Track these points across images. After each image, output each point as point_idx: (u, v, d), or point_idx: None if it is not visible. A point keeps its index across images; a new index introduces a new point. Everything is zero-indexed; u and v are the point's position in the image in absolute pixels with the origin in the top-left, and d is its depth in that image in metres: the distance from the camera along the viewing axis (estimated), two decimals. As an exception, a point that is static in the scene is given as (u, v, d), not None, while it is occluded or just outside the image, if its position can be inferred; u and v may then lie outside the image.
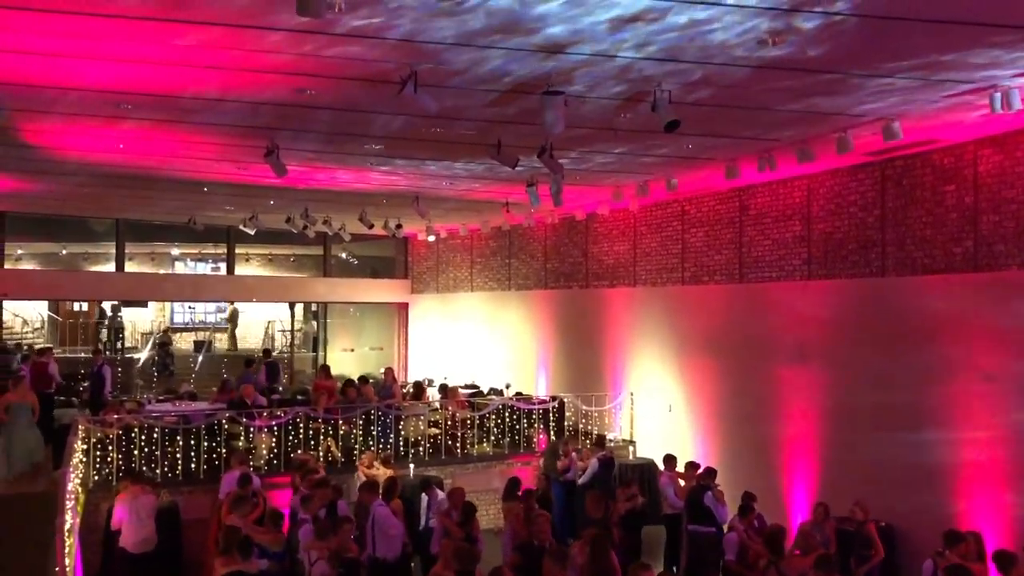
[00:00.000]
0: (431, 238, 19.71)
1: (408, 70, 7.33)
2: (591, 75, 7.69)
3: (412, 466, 13.70)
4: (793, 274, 13.11)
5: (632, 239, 16.39)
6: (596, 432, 15.99)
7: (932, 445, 10.91)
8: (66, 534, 8.94)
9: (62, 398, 17.48)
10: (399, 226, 17.52)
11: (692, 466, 11.75)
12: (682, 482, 12.03)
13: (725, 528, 10.88)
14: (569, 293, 18.06)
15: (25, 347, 22.81)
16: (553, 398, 16.18)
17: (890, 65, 7.43)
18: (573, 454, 13.60)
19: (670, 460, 12.38)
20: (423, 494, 11.48)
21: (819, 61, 7.26)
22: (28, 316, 26.45)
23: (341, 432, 14.02)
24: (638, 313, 16.16)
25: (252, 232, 17.35)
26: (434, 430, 15.02)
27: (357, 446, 13.94)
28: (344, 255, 26.59)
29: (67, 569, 8.32)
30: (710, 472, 11.42)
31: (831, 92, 8.26)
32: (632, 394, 16.14)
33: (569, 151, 10.67)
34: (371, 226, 16.70)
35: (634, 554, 10.37)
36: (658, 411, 15.51)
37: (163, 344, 25.72)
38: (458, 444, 14.92)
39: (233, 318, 27.79)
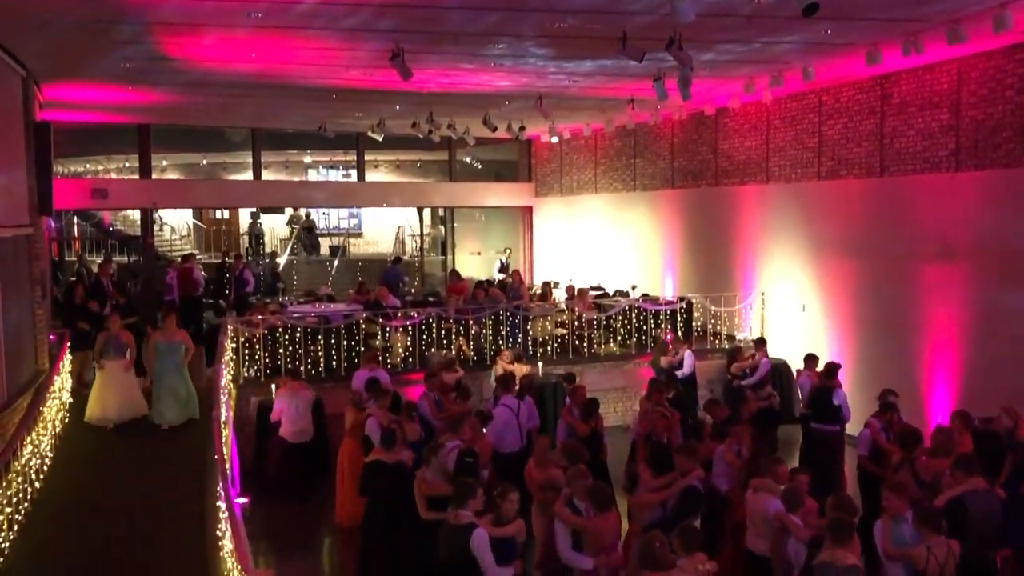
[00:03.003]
0: (554, 139, 19.54)
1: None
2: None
3: (540, 364, 13.98)
4: (939, 166, 12.36)
5: (765, 133, 15.77)
6: (725, 332, 15.84)
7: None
8: (222, 426, 9.63)
9: (209, 301, 18.58)
10: (522, 128, 17.41)
11: (831, 367, 11.44)
12: None
13: (847, 428, 10.73)
14: (697, 192, 17.65)
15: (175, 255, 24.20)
16: (680, 299, 16.06)
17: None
18: (687, 352, 13.56)
19: (811, 360, 12.12)
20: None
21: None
22: (175, 224, 27.93)
23: (472, 332, 14.40)
24: (770, 210, 15.67)
25: (380, 138, 17.62)
26: (561, 330, 15.23)
27: (488, 345, 14.31)
28: (468, 159, 26.76)
29: (224, 457, 8.98)
30: (832, 368, 11.09)
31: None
32: (763, 294, 15.81)
33: (698, 42, 10.24)
34: (494, 129, 16.66)
35: (768, 453, 10.32)
36: (790, 311, 15.18)
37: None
38: (585, 344, 15.08)
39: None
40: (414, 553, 8.39)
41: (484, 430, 9.78)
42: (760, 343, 13.79)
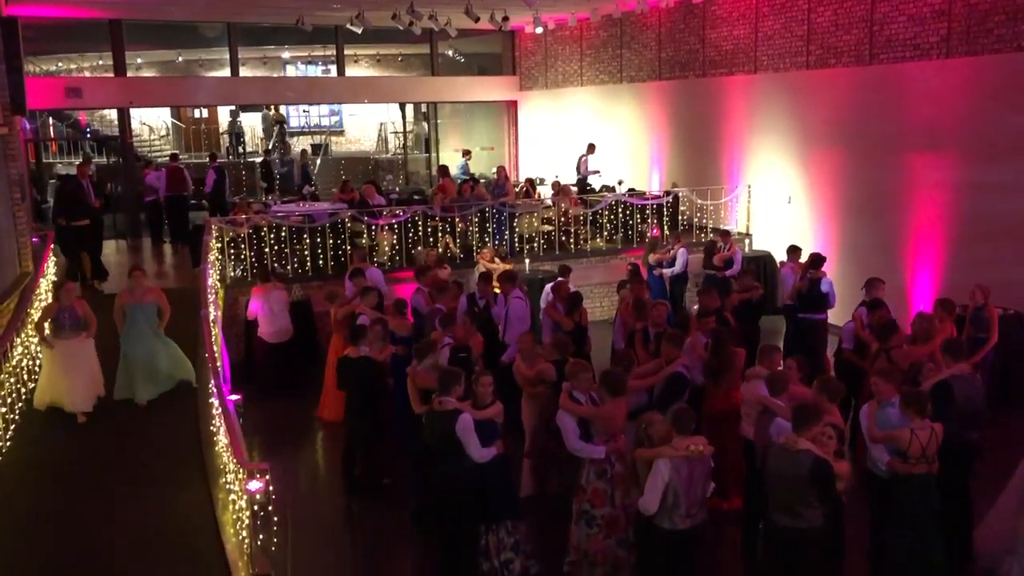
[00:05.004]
0: (539, 30, 19.05)
1: None
2: None
3: (527, 261, 14.00)
4: (929, 52, 12.17)
5: (753, 21, 15.42)
6: (711, 226, 15.86)
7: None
8: (211, 325, 9.66)
9: (194, 202, 18.40)
10: (505, 18, 16.93)
11: (818, 258, 11.47)
12: None
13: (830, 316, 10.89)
14: (684, 83, 17.37)
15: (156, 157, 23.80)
16: (667, 193, 16.01)
17: None
18: (681, 250, 13.55)
19: (794, 251, 12.17)
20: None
21: None
22: (153, 124, 27.39)
23: (458, 230, 14.36)
24: (758, 101, 15.47)
25: (359, 31, 17.12)
26: (547, 227, 15.21)
27: (474, 243, 14.30)
28: (451, 53, 26.14)
29: (215, 355, 9.04)
30: (819, 260, 11.11)
31: None
32: (749, 187, 15.77)
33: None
34: (477, 19, 16.22)
35: (751, 344, 10.45)
36: (776, 203, 15.17)
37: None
38: (571, 240, 15.09)
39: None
40: (396, 445, 8.61)
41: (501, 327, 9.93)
42: (725, 235, 13.78)
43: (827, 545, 5.91)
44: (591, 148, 18.18)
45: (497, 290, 10.70)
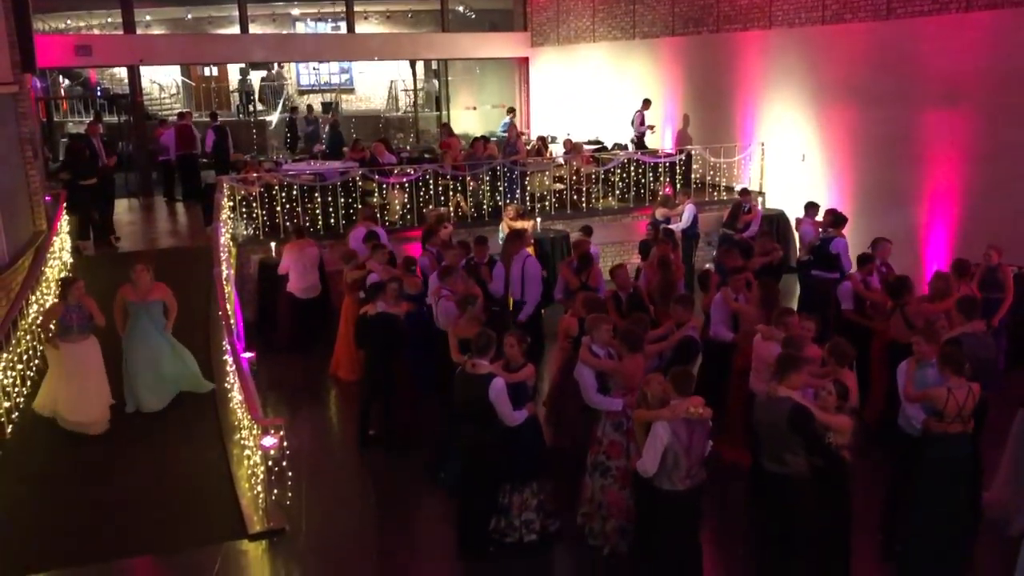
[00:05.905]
0: (551, -15, 18.82)
1: None
2: None
3: (539, 219, 13.96)
4: (948, 7, 11.95)
5: (768, -24, 15.18)
6: (724, 184, 15.75)
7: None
8: (224, 283, 9.71)
9: (204, 160, 18.38)
10: (517, -28, 16.75)
11: (838, 217, 11.36)
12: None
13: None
14: (698, 39, 17.13)
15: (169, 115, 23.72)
16: (680, 151, 15.89)
17: None
18: (689, 205, 13.50)
19: (812, 207, 12.07)
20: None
21: None
22: (164, 82, 27.29)
23: (469, 188, 14.31)
24: (772, 57, 15.26)
25: (369, -13, 16.96)
26: (559, 185, 15.14)
27: (485, 202, 14.26)
28: (461, 9, 25.87)
29: (228, 312, 9.11)
30: (838, 219, 11.04)
31: None
32: (763, 144, 15.63)
33: None
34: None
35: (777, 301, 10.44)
36: (790, 161, 15.04)
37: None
38: (583, 199, 15.02)
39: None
40: (409, 396, 8.69)
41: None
42: (745, 194, 13.67)
43: (821, 496, 5.88)
44: (646, 103, 17.42)
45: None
